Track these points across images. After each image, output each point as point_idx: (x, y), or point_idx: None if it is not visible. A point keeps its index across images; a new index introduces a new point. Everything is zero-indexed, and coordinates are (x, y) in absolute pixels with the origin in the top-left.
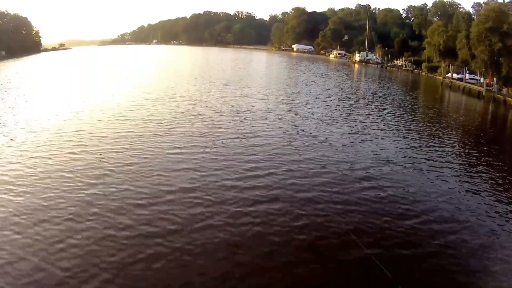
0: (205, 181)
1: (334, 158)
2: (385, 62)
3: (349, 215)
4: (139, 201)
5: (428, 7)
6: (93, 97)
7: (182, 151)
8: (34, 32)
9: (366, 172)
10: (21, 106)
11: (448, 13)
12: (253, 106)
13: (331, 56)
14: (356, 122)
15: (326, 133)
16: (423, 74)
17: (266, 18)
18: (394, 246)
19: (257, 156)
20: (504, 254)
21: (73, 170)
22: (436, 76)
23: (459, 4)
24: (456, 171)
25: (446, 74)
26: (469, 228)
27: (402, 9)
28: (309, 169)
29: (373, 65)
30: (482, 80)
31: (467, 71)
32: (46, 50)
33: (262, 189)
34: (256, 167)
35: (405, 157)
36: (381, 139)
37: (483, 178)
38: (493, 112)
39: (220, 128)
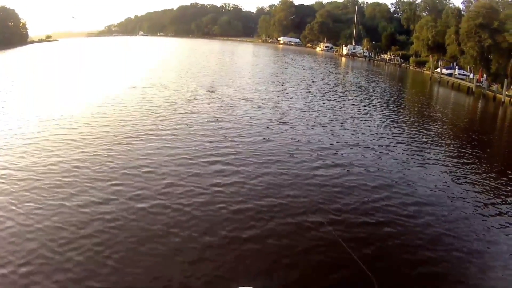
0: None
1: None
2: (372, 55)
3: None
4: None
5: (417, 2)
6: (79, 91)
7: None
8: (21, 24)
9: (338, 158)
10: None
11: (438, 9)
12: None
13: (318, 49)
14: (340, 114)
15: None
16: (411, 68)
17: (253, 10)
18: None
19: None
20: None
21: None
22: (424, 70)
23: (448, 0)
24: (442, 164)
25: (435, 69)
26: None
27: (391, 4)
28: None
29: (360, 58)
30: (471, 76)
31: (456, 67)
32: (33, 42)
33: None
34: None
35: (387, 150)
36: (365, 130)
37: (469, 171)
38: (482, 108)
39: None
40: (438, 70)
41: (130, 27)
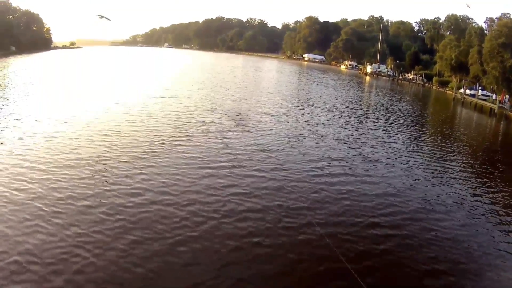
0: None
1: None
2: (396, 74)
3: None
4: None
5: (440, 21)
6: (100, 100)
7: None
8: (45, 29)
9: (365, 175)
10: (25, 103)
11: (461, 28)
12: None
13: (342, 67)
14: (364, 132)
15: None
16: (434, 88)
17: (279, 26)
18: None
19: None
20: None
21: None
22: (447, 90)
23: (472, 19)
24: (463, 185)
25: (458, 89)
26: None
27: (415, 22)
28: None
29: (384, 77)
30: (494, 96)
31: (480, 87)
32: (56, 47)
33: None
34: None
35: (410, 169)
36: (388, 151)
37: (490, 192)
38: (504, 129)
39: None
40: (462, 90)
41: (155, 38)
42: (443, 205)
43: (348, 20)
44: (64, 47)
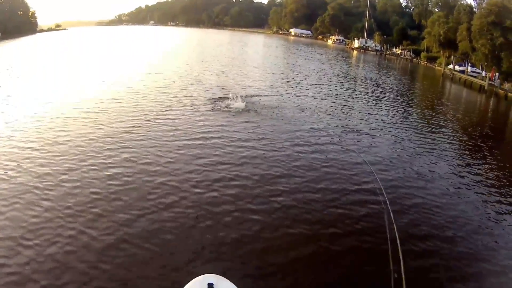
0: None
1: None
2: (384, 49)
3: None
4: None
5: None
6: (87, 81)
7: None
8: (30, 13)
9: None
10: (10, 86)
11: (449, 5)
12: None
13: (329, 42)
14: (351, 106)
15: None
16: (422, 63)
17: (265, 1)
18: None
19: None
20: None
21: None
22: (435, 66)
23: None
24: (450, 156)
25: (447, 65)
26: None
27: None
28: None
29: (372, 52)
30: (483, 73)
31: (469, 64)
32: (42, 31)
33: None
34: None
35: (397, 140)
36: (375, 124)
37: (476, 164)
38: (494, 106)
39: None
40: (451, 66)
41: (140, 17)
42: (428, 174)
43: None
44: (49, 29)
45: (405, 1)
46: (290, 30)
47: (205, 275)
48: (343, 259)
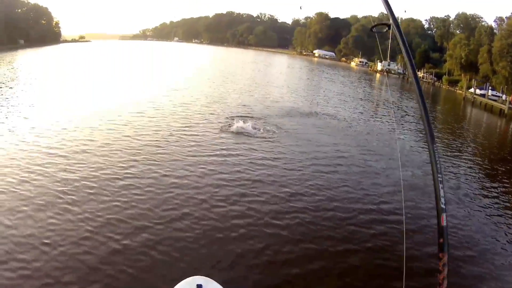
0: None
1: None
2: (406, 72)
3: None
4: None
5: (450, 19)
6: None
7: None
8: (54, 22)
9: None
10: (34, 95)
11: (471, 26)
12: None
13: (353, 64)
14: (372, 129)
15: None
16: (444, 87)
17: (289, 21)
18: None
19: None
20: None
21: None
22: (456, 90)
23: (482, 18)
24: (468, 179)
25: (468, 89)
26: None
27: (425, 20)
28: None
29: (394, 75)
30: (504, 97)
31: (490, 87)
32: (65, 41)
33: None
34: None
35: (417, 164)
36: (394, 146)
37: (493, 188)
38: None
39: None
40: (472, 90)
41: (164, 32)
42: (447, 196)
43: (358, 17)
44: (73, 40)
45: (427, 23)
46: (314, 51)
47: (194, 276)
48: (349, 275)
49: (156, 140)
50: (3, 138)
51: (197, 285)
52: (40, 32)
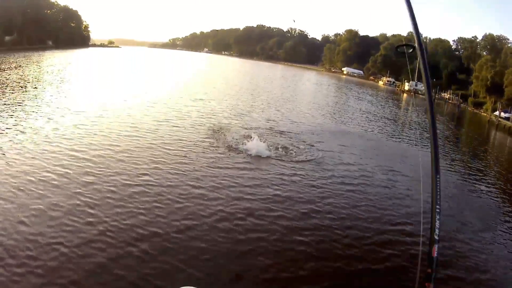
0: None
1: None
2: (433, 93)
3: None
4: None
5: (478, 40)
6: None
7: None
8: (83, 26)
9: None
10: (59, 96)
11: (497, 48)
12: None
13: (380, 83)
14: (396, 148)
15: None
16: (469, 109)
17: (319, 37)
18: None
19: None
20: None
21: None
22: (481, 112)
23: (508, 39)
24: (489, 205)
25: (493, 111)
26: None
27: (452, 40)
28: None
29: (421, 95)
30: None
31: None
32: (94, 45)
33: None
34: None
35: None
36: (416, 167)
37: None
38: None
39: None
40: (497, 113)
41: (194, 43)
42: (466, 223)
43: (387, 35)
44: (102, 45)
45: (454, 44)
46: (343, 69)
47: (186, 287)
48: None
49: (177, 149)
50: (26, 136)
51: None
52: (69, 34)
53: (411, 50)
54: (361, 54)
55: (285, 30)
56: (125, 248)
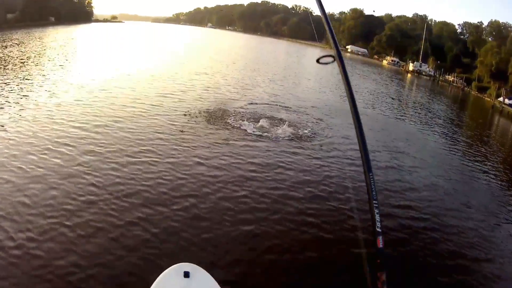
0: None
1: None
2: (437, 75)
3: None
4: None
5: (483, 26)
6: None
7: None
8: (86, 1)
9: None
10: (60, 71)
11: (502, 35)
12: None
13: (384, 62)
14: (398, 127)
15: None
16: (473, 93)
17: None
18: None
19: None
20: None
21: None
22: (485, 97)
23: None
24: (488, 188)
25: (497, 97)
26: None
27: (458, 24)
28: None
29: (425, 76)
30: None
31: None
32: (97, 21)
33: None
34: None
35: (439, 166)
36: (419, 147)
37: None
38: None
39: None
40: (501, 99)
41: (198, 18)
42: (466, 204)
43: (392, 16)
44: (105, 20)
45: (460, 28)
46: (347, 46)
47: (181, 263)
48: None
49: (182, 124)
50: (28, 112)
51: (184, 272)
52: (72, 10)
53: (332, 61)
54: (366, 33)
55: (289, 7)
56: (126, 227)
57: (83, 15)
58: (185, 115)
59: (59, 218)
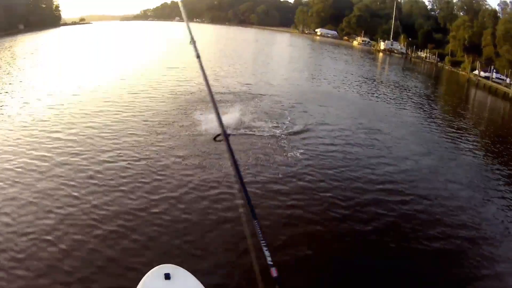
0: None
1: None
2: (409, 52)
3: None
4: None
5: (454, 1)
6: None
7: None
8: (54, 6)
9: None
10: (31, 79)
11: (474, 9)
12: None
13: (355, 43)
14: (373, 106)
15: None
16: (447, 68)
17: (291, 0)
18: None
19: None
20: None
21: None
22: (459, 71)
23: (485, 1)
24: (469, 160)
25: (472, 70)
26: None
27: (428, 1)
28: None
29: (397, 55)
30: (507, 80)
31: (494, 70)
32: (66, 24)
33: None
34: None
35: (418, 141)
36: (397, 124)
37: (496, 169)
38: None
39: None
40: (476, 72)
41: (166, 13)
42: (453, 181)
43: None
44: (73, 23)
45: (430, 4)
46: (316, 30)
47: (161, 265)
48: None
49: (156, 122)
50: (2, 125)
51: (165, 274)
52: (40, 16)
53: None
54: (335, 16)
55: None
56: (106, 236)
57: (52, 20)
58: (158, 114)
59: (39, 234)
